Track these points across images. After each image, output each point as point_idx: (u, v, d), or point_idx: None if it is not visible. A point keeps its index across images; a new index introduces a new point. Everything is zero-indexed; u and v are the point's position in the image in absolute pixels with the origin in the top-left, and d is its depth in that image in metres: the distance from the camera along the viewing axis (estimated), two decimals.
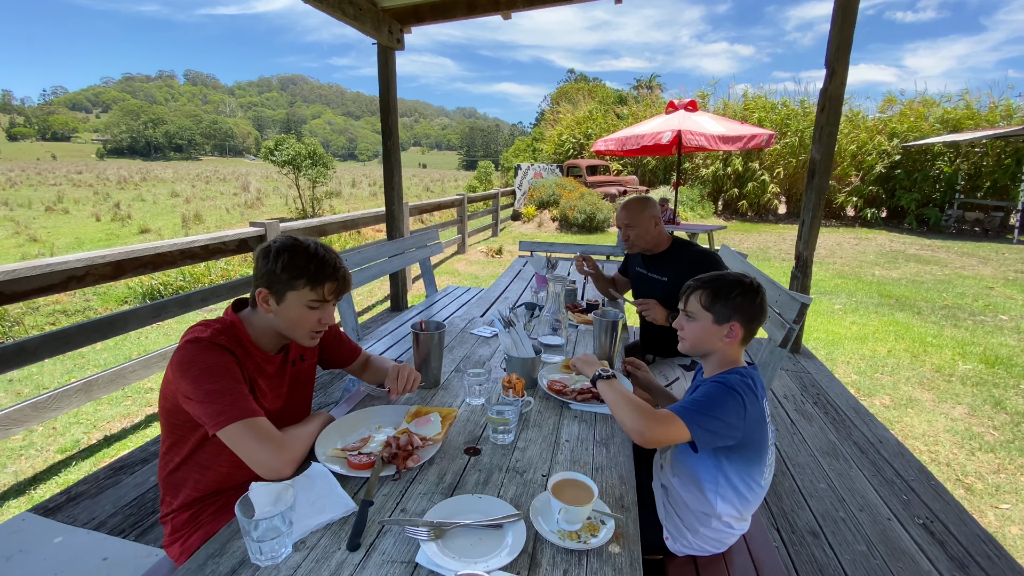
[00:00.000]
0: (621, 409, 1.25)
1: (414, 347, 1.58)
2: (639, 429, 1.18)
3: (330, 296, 1.25)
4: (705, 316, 1.34)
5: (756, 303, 1.31)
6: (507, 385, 1.39)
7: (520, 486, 1.13)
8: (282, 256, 1.20)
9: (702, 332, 1.35)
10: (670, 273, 2.19)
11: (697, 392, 1.24)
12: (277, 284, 1.21)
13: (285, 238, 1.24)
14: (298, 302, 1.22)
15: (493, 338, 2.07)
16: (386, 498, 1.07)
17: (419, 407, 1.39)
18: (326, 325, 1.30)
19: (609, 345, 1.80)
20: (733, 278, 1.34)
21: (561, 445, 1.30)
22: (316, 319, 1.26)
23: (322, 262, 1.23)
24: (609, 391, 1.32)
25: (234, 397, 1.13)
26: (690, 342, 1.39)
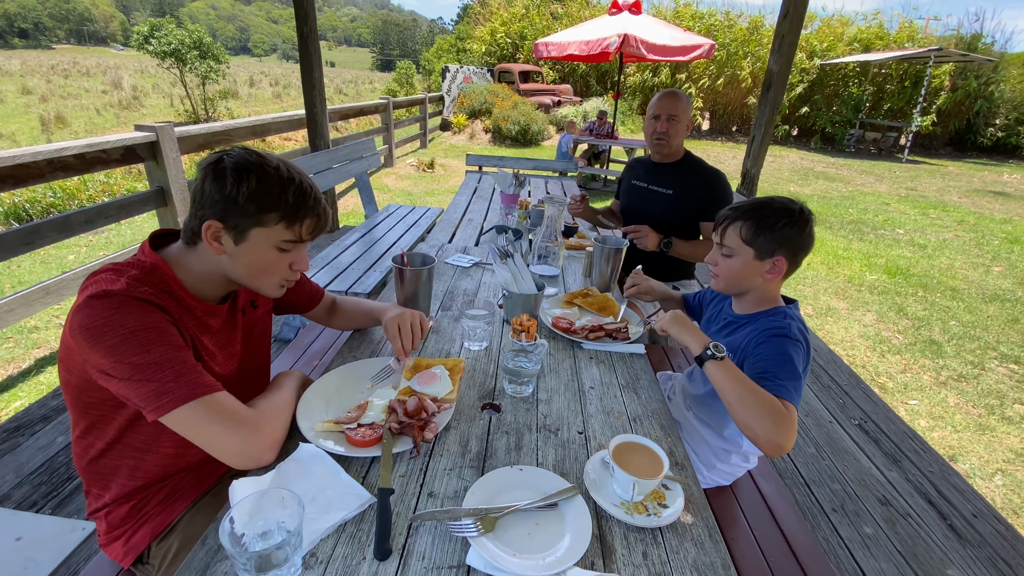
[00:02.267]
0: (749, 410, 0.98)
1: (397, 286, 1.32)
2: (777, 441, 0.94)
3: (308, 236, 0.95)
4: (745, 251, 1.19)
5: (805, 233, 1.17)
6: (519, 328, 1.19)
7: (558, 448, 0.97)
8: (247, 180, 0.86)
9: (741, 269, 1.21)
10: (676, 187, 2.02)
11: (766, 356, 1.08)
12: (238, 217, 0.88)
13: (244, 154, 0.89)
14: (266, 242, 0.91)
15: (473, 268, 1.83)
16: (405, 481, 0.87)
17: (417, 358, 1.16)
18: (298, 272, 1.00)
19: (610, 275, 1.64)
20: (780, 206, 1.18)
21: (587, 393, 1.15)
22: (287, 264, 0.96)
23: (301, 192, 0.90)
24: (728, 381, 1.03)
25: (177, 370, 0.83)
26: (726, 280, 1.25)
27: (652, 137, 2.05)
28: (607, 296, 1.54)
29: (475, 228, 2.38)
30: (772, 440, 0.94)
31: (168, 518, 1.04)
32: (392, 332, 1.16)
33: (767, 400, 0.98)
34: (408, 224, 3.61)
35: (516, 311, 1.39)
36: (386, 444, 0.91)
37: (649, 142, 2.07)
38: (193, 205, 0.90)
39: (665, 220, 2.04)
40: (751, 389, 1.00)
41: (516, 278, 1.39)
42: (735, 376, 1.04)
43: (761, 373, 1.05)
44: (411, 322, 1.18)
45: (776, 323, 1.15)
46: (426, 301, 1.34)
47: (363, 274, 2.74)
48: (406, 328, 1.16)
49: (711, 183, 1.97)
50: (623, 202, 2.25)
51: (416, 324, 1.18)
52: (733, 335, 1.25)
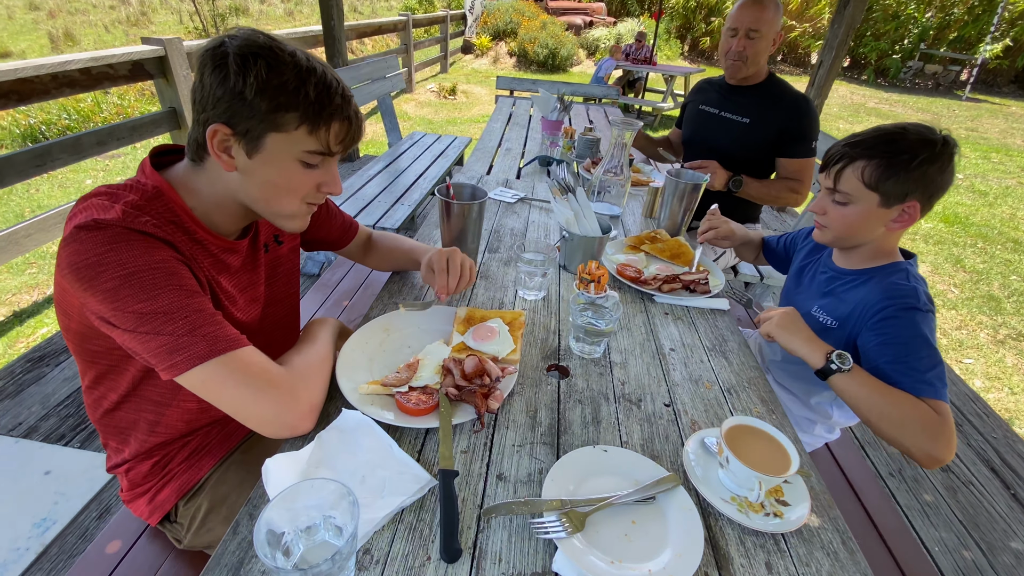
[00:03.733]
0: (895, 426, 0.82)
1: (442, 222, 1.13)
2: (937, 455, 0.80)
3: (337, 146, 0.75)
4: (867, 198, 0.96)
5: (947, 171, 0.94)
6: (587, 278, 1.01)
7: (643, 424, 0.82)
8: (254, 67, 0.66)
9: (859, 219, 0.99)
10: (754, 115, 1.74)
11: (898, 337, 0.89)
12: (248, 119, 0.68)
13: (251, 35, 0.68)
14: (286, 153, 0.71)
15: (519, 204, 1.62)
16: (468, 459, 0.73)
17: (469, 309, 1.00)
18: (328, 193, 0.81)
19: (682, 217, 1.42)
20: (916, 137, 0.94)
21: (667, 357, 0.98)
22: (313, 185, 0.77)
23: (325, 86, 0.70)
24: (863, 395, 0.86)
25: (192, 320, 0.68)
26: (836, 233, 1.03)
27: (727, 57, 1.74)
28: (679, 241, 1.34)
29: (514, 159, 2.14)
30: (930, 455, 0.79)
31: (195, 476, 0.94)
32: (439, 265, 0.99)
33: (914, 410, 0.82)
34: (435, 154, 3.35)
35: (576, 256, 1.21)
36: (444, 413, 0.76)
37: (723, 62, 1.77)
38: (194, 108, 0.71)
39: (736, 154, 1.77)
40: (893, 401, 0.84)
41: (578, 217, 1.19)
42: (870, 387, 0.86)
43: (894, 361, 0.88)
44: (459, 262, 1.00)
45: (901, 288, 0.94)
46: (475, 241, 1.15)
47: (390, 208, 2.55)
48: (455, 264, 0.99)
49: (797, 111, 1.68)
50: (686, 132, 1.97)
51: (466, 264, 1.01)
52: (842, 294, 1.06)
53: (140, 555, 0.97)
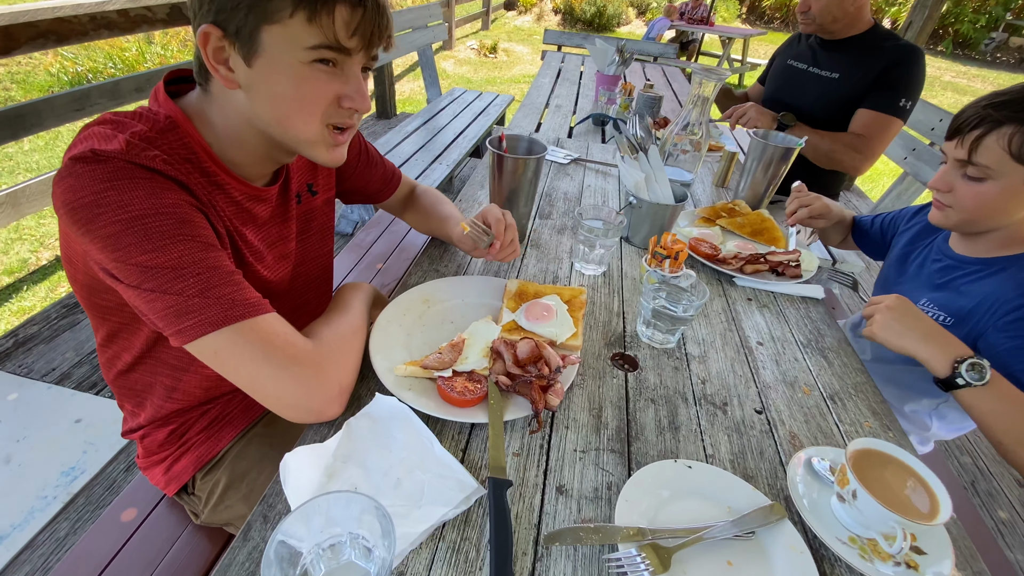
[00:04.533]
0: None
1: (493, 180, 0.98)
2: None
3: (349, 38, 0.58)
4: (1014, 172, 0.77)
5: None
6: (661, 253, 0.86)
7: (731, 433, 0.68)
8: None
9: (998, 199, 0.79)
10: (846, 68, 1.50)
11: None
12: (236, 10, 0.54)
13: None
14: (286, 51, 0.56)
15: (572, 165, 1.45)
16: (520, 464, 0.61)
17: (521, 282, 0.86)
18: (353, 110, 0.65)
19: (766, 187, 1.23)
20: None
21: (754, 351, 0.83)
22: (331, 97, 0.62)
23: None
24: (1002, 415, 0.72)
25: (206, 279, 0.56)
26: (965, 214, 0.84)
27: (798, 13, 1.53)
28: (762, 214, 1.16)
29: (564, 117, 1.95)
30: None
31: (214, 448, 0.86)
32: (495, 216, 0.86)
33: None
34: (475, 112, 3.17)
35: (643, 227, 1.05)
36: (494, 407, 0.63)
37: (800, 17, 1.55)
38: (192, 21, 0.58)
39: (817, 115, 1.55)
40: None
41: (649, 181, 1.02)
42: (1012, 403, 0.70)
43: None
44: (511, 221, 0.87)
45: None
46: (528, 204, 1.01)
47: (427, 167, 2.41)
48: (512, 220, 0.86)
49: (898, 59, 1.42)
50: (769, 88, 1.74)
51: (514, 227, 0.87)
52: (963, 287, 0.88)
53: (156, 526, 0.91)
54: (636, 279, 0.97)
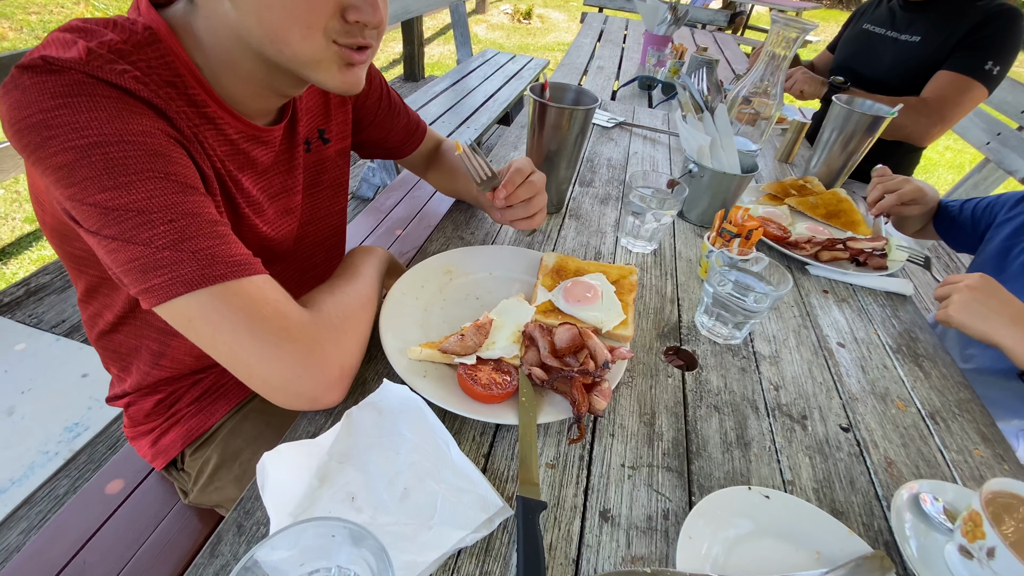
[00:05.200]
0: None
1: (531, 135, 0.84)
2: None
3: None
4: None
5: None
6: (732, 231, 0.72)
7: (813, 453, 0.55)
8: None
9: None
10: (928, 30, 1.31)
11: None
12: None
13: None
14: None
15: (616, 129, 1.30)
16: (555, 479, 0.49)
17: (560, 256, 0.73)
18: (362, 25, 0.52)
19: (844, 163, 1.06)
20: None
21: (835, 353, 0.69)
22: (333, 5, 0.48)
23: None
24: None
25: (181, 226, 0.45)
26: None
27: None
28: (838, 194, 1.00)
29: (607, 79, 1.78)
30: None
31: (205, 423, 0.77)
32: (517, 164, 0.72)
33: None
34: (507, 75, 2.99)
35: (702, 200, 0.90)
36: (526, 406, 0.52)
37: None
38: None
39: (891, 83, 1.37)
40: None
41: (715, 147, 0.87)
42: None
43: None
44: (536, 179, 0.72)
45: None
46: (571, 167, 0.87)
47: (454, 130, 2.27)
48: (539, 178, 0.73)
49: (988, 17, 1.22)
50: (841, 55, 1.54)
51: (537, 185, 0.73)
52: None
53: (143, 501, 0.83)
54: (692, 260, 0.83)
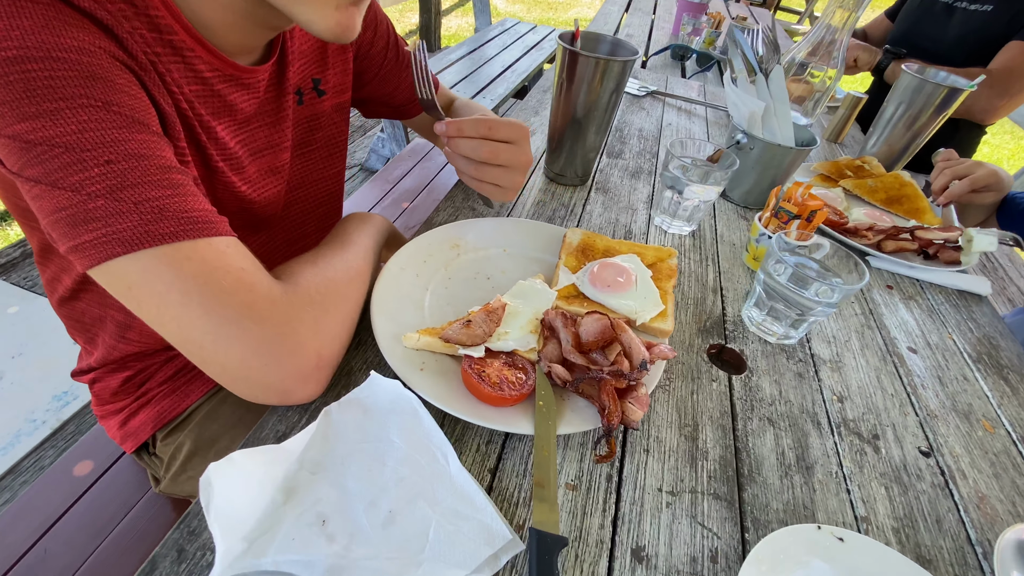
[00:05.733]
0: None
1: (560, 91, 0.73)
2: None
3: None
4: None
5: None
6: (791, 211, 0.61)
7: (889, 481, 0.45)
8: None
9: None
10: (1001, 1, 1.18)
11: None
12: None
13: None
14: None
15: (648, 99, 1.18)
16: (576, 504, 0.40)
17: (586, 233, 0.63)
18: None
19: (908, 142, 0.94)
20: None
21: (906, 360, 0.59)
22: None
23: None
24: None
25: (121, 169, 0.36)
26: None
27: None
28: (900, 177, 0.88)
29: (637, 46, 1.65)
30: None
31: (178, 404, 0.69)
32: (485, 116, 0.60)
33: None
34: (527, 45, 2.84)
35: (750, 175, 0.79)
36: (544, 412, 0.42)
37: None
38: None
39: (956, 58, 1.24)
40: None
41: (768, 115, 0.76)
42: None
43: None
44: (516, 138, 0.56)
45: None
46: (601, 132, 0.76)
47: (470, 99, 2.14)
48: (507, 131, 0.56)
49: None
50: (901, 27, 1.40)
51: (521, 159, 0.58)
52: None
53: (112, 485, 0.76)
54: (737, 245, 0.72)
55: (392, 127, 2.24)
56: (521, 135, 0.57)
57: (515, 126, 0.57)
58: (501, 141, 0.56)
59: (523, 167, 0.59)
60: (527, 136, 0.58)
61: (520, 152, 0.57)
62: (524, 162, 0.58)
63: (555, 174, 0.80)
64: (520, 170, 0.59)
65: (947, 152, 0.91)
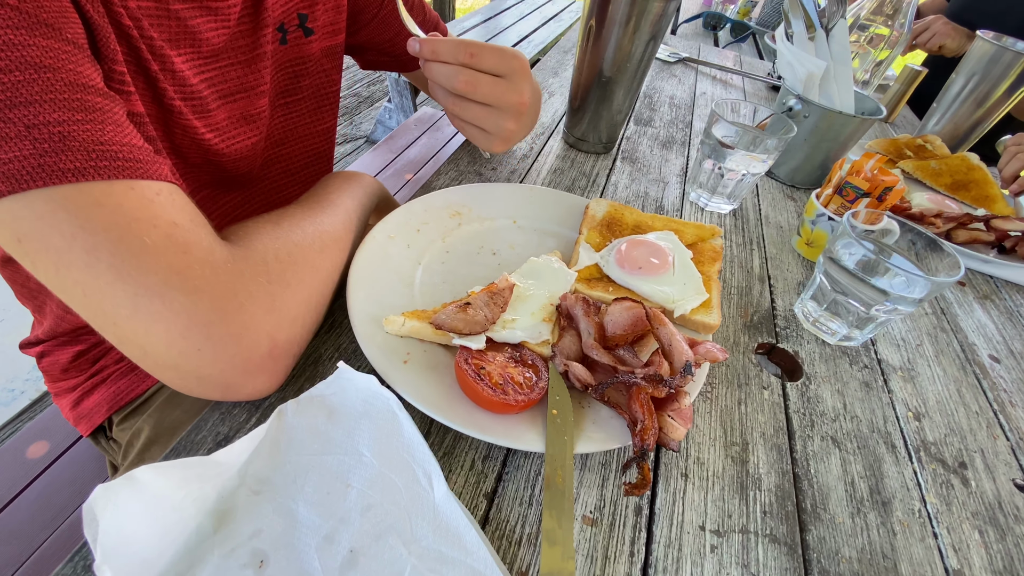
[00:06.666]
0: None
1: (586, 39, 0.63)
2: None
3: None
4: None
5: None
6: (861, 188, 0.51)
7: (985, 525, 0.36)
8: None
9: None
10: None
11: None
12: None
13: None
14: None
15: (679, 65, 1.07)
16: (596, 544, 0.31)
17: (612, 204, 0.53)
18: None
19: (978, 121, 0.83)
20: None
21: (988, 370, 0.49)
22: None
23: None
24: None
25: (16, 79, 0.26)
26: None
27: None
28: (967, 159, 0.77)
29: None
30: None
31: (136, 385, 0.61)
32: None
33: None
34: (545, 16, 2.70)
35: (801, 149, 0.69)
36: (557, 423, 0.33)
37: None
38: None
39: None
40: None
41: (827, 78, 0.65)
42: None
43: None
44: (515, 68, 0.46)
45: None
46: (633, 94, 0.65)
47: None
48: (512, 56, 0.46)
49: None
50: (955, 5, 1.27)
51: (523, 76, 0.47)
52: None
53: (68, 470, 0.68)
54: (785, 228, 0.62)
55: (400, 97, 2.13)
56: (513, 67, 0.46)
57: (507, 54, 0.46)
58: (486, 73, 0.46)
59: (513, 108, 0.48)
60: (524, 70, 0.47)
61: (509, 88, 0.47)
62: (514, 102, 0.47)
63: (576, 139, 0.70)
64: (510, 112, 0.48)
65: (1019, 136, 0.80)
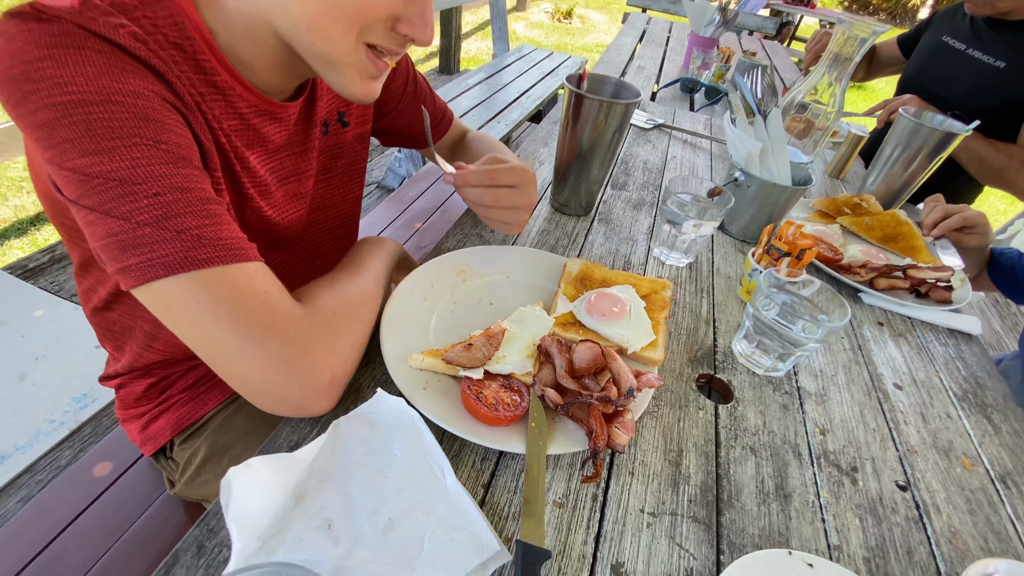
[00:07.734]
0: None
1: (564, 129, 0.78)
2: None
3: None
4: None
5: None
6: (782, 249, 0.64)
7: (865, 515, 0.48)
8: None
9: None
10: (1014, 57, 1.20)
11: None
12: None
13: None
14: None
15: (654, 131, 1.23)
16: (562, 521, 0.43)
17: (585, 262, 0.67)
18: (409, 39, 0.48)
19: (907, 182, 0.97)
20: None
21: (891, 396, 0.61)
22: (385, 13, 0.44)
23: None
24: None
25: (167, 201, 0.41)
26: None
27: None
28: (897, 215, 0.91)
29: (648, 79, 1.70)
30: None
31: (196, 411, 0.73)
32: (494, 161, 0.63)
33: None
34: (543, 71, 2.93)
35: (747, 212, 0.83)
36: (535, 434, 0.45)
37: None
38: None
39: (972, 108, 1.24)
40: None
41: (765, 155, 0.79)
42: None
43: None
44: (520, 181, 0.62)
45: None
46: (606, 167, 0.80)
47: (483, 124, 2.21)
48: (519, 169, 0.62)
49: None
50: (913, 67, 1.43)
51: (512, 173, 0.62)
52: None
53: (130, 487, 0.80)
54: (732, 278, 0.76)
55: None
56: (523, 179, 0.63)
57: (517, 171, 0.62)
58: (505, 187, 0.61)
59: (526, 207, 0.65)
60: (531, 179, 0.63)
61: (522, 195, 0.63)
62: (526, 204, 0.64)
63: (560, 204, 0.84)
64: (523, 210, 0.65)
65: (937, 196, 0.93)
